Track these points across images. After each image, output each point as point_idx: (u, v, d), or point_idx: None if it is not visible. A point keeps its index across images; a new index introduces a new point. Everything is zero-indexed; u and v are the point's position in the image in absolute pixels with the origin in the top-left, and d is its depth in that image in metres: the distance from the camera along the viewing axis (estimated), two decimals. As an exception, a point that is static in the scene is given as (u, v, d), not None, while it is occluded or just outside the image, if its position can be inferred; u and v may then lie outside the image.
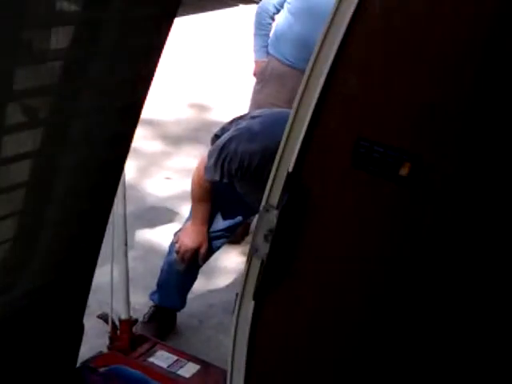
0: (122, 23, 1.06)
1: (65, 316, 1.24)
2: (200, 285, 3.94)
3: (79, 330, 1.28)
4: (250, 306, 1.97)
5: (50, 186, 1.15)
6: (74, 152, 1.11)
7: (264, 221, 1.88)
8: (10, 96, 1.00)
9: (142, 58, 1.15)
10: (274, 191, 1.88)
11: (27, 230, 1.17)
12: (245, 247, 4.60)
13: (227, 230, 3.56)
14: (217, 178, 3.16)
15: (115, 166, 1.22)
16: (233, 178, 3.19)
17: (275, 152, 1.88)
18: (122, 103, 1.15)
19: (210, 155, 3.19)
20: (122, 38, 1.08)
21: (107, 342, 3.15)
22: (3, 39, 0.98)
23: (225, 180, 3.16)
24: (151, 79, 1.19)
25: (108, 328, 3.14)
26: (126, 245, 3.10)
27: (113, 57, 1.11)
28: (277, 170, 1.88)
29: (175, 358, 3.17)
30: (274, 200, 1.88)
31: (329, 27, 1.76)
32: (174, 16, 1.17)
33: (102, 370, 1.70)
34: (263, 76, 4.63)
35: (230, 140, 3.12)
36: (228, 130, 3.28)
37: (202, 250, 3.44)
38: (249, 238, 4.64)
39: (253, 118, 3.29)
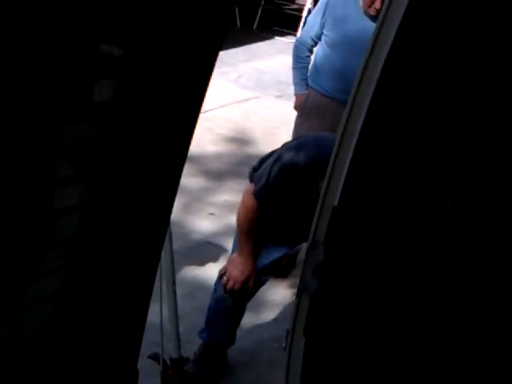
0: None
1: (119, 361, 1.24)
2: (248, 320, 3.92)
3: (134, 375, 1.28)
4: (301, 342, 1.95)
5: (97, 237, 1.16)
6: (122, 200, 1.12)
7: (312, 257, 1.87)
8: (59, 150, 1.01)
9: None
10: (320, 226, 1.87)
11: (75, 283, 1.18)
12: (292, 280, 4.58)
13: (272, 264, 3.55)
14: (267, 201, 3.16)
15: (165, 209, 1.23)
16: (283, 199, 3.17)
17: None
18: (168, 149, 1.16)
19: (257, 180, 3.19)
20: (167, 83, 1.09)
21: (159, 382, 3.15)
22: (52, 94, 1.00)
23: (274, 203, 3.16)
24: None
25: (159, 368, 3.14)
26: (174, 284, 3.10)
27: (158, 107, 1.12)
28: (322, 205, 1.87)
29: (228, 396, 3.17)
30: (321, 235, 1.87)
31: (369, 56, 1.76)
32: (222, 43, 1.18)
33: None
34: (304, 109, 4.64)
35: (277, 160, 3.12)
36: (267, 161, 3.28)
37: (251, 283, 3.43)
38: (295, 271, 4.62)
39: (295, 140, 3.31)
